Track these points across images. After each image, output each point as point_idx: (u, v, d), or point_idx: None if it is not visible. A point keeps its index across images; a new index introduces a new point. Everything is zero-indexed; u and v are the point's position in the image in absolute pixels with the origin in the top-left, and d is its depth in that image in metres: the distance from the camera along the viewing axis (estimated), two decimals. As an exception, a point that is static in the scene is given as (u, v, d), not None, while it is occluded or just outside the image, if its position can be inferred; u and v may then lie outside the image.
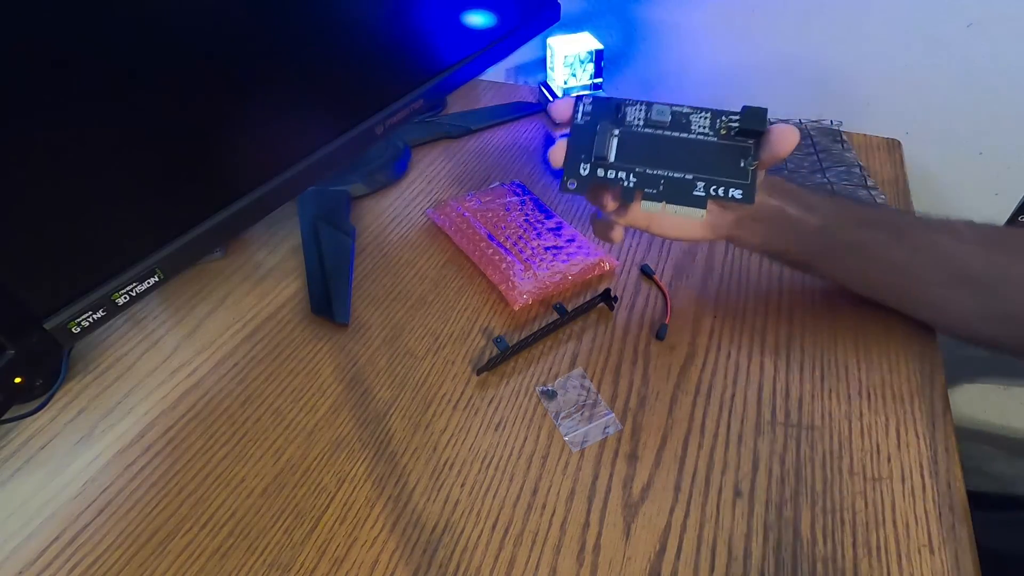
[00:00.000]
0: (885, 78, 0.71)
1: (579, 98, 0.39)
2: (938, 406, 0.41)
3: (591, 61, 0.71)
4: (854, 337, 0.45)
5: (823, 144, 0.67)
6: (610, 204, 0.41)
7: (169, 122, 0.38)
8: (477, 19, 0.62)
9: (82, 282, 0.35)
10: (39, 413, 0.43)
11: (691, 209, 0.35)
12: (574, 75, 0.72)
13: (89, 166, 0.34)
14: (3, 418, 0.39)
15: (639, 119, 0.38)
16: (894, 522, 0.35)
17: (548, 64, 0.74)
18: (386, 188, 0.64)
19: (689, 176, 0.36)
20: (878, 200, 0.58)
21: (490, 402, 0.42)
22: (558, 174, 0.40)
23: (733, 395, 0.42)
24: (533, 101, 0.78)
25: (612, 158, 0.37)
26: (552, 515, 0.36)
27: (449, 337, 0.47)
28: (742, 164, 0.36)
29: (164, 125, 0.37)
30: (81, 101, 0.33)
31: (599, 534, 0.35)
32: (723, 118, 0.37)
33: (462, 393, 0.43)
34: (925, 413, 0.41)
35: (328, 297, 0.50)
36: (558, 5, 0.73)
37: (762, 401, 0.42)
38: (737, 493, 0.37)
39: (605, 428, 0.40)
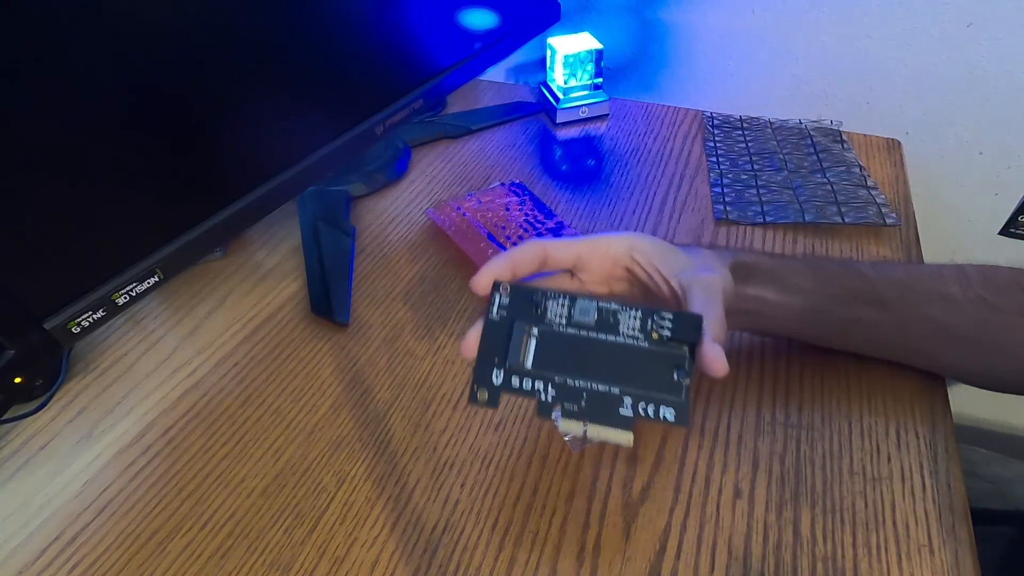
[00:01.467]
0: (885, 78, 0.71)
1: (496, 287, 0.33)
2: (938, 406, 0.41)
3: (591, 61, 0.71)
4: (854, 337, 0.45)
5: (823, 144, 0.67)
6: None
7: (169, 122, 0.38)
8: (477, 19, 0.62)
9: (82, 282, 0.35)
10: (39, 413, 0.43)
11: (616, 432, 0.30)
12: (574, 75, 0.72)
13: (89, 166, 0.34)
14: (3, 418, 0.39)
15: (561, 317, 0.32)
16: (894, 522, 0.35)
17: (548, 64, 0.74)
18: (386, 188, 0.64)
19: (615, 389, 0.30)
20: (878, 200, 0.58)
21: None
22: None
23: (733, 395, 0.42)
24: (533, 101, 0.78)
25: (529, 364, 0.31)
26: (552, 515, 0.36)
27: (449, 337, 0.47)
28: (675, 377, 0.30)
29: (164, 125, 0.38)
30: (81, 101, 0.33)
31: (599, 534, 0.35)
32: (654, 320, 0.32)
33: (462, 393, 0.43)
34: (925, 413, 0.41)
35: (328, 297, 0.50)
36: (558, 5, 0.73)
37: (762, 401, 0.42)
38: (737, 493, 0.37)
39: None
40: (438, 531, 0.36)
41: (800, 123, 0.71)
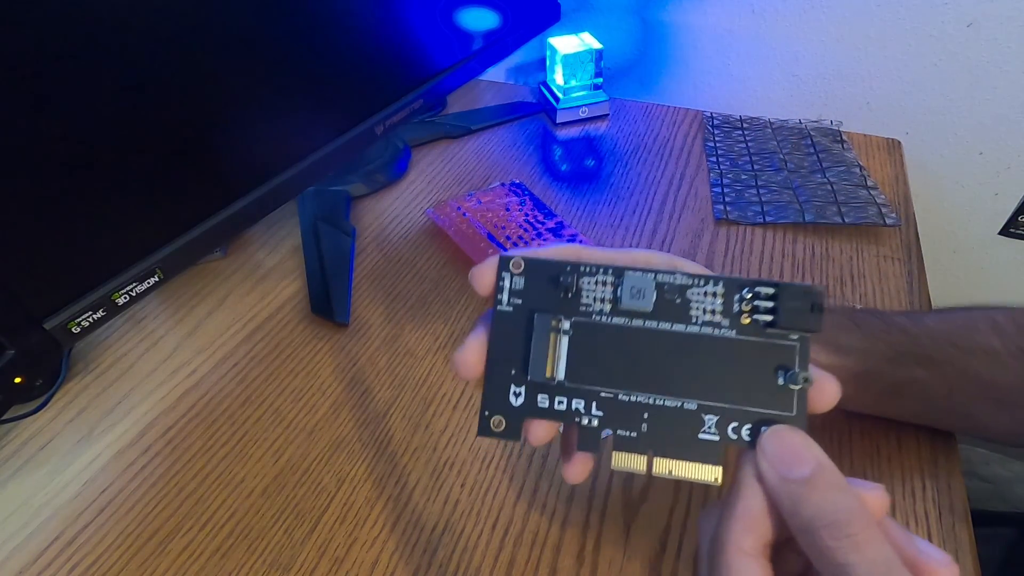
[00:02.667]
0: (885, 78, 0.71)
1: (504, 264, 0.24)
2: (938, 406, 0.41)
3: (591, 61, 0.71)
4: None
5: (823, 144, 0.67)
6: (567, 449, 0.26)
7: (169, 122, 0.38)
8: (477, 19, 0.62)
9: (82, 282, 0.35)
10: (39, 413, 0.43)
11: (697, 467, 0.22)
12: (574, 75, 0.72)
13: (89, 166, 0.34)
14: (3, 418, 0.39)
15: (603, 301, 0.23)
16: (894, 522, 0.35)
17: (548, 64, 0.74)
18: (386, 188, 0.64)
19: (691, 404, 0.22)
20: (878, 200, 0.58)
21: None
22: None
23: (733, 395, 0.42)
24: (533, 101, 0.78)
25: (560, 374, 0.23)
26: (552, 515, 0.36)
27: (449, 337, 0.47)
28: (780, 380, 0.22)
29: (164, 125, 0.37)
30: (81, 101, 0.33)
31: (599, 534, 0.35)
32: (745, 297, 0.23)
33: (462, 393, 0.43)
34: (925, 413, 0.41)
35: (328, 297, 0.50)
36: (558, 5, 0.73)
37: (762, 401, 0.42)
38: (737, 493, 0.37)
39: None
40: (438, 531, 0.36)
41: (800, 123, 0.71)
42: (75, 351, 0.47)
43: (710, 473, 0.22)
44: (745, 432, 0.22)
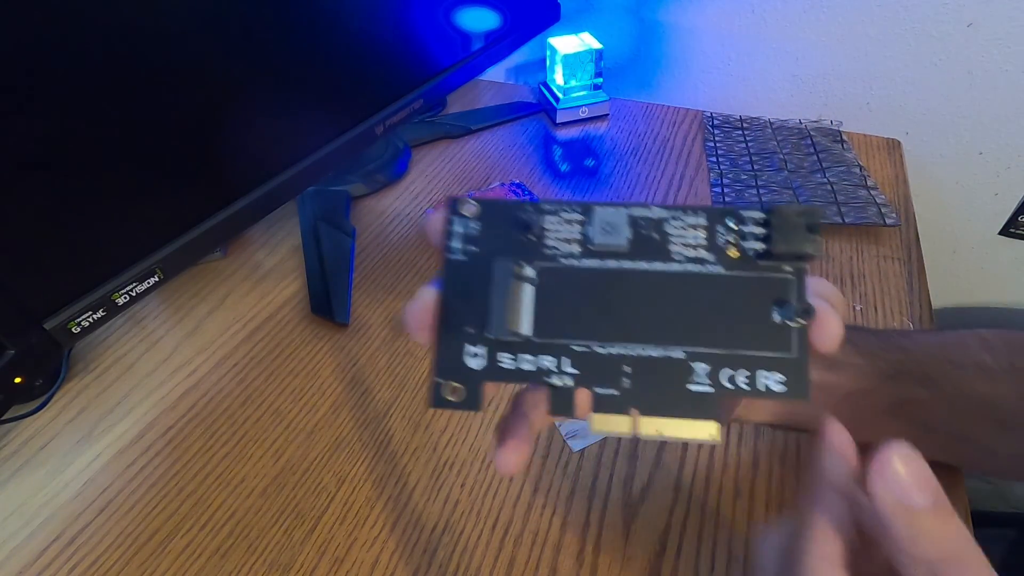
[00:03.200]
0: (885, 78, 0.71)
1: (452, 206, 0.21)
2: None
3: (591, 61, 0.71)
4: (854, 337, 0.45)
5: (823, 144, 0.67)
6: (537, 416, 0.23)
7: (169, 122, 0.38)
8: (477, 19, 0.62)
9: (82, 282, 0.35)
10: (39, 413, 0.43)
11: (691, 424, 0.19)
12: (574, 75, 0.72)
13: (89, 166, 0.34)
14: (3, 418, 0.39)
15: (571, 243, 0.21)
16: (894, 522, 0.35)
17: (548, 64, 0.74)
18: (386, 188, 0.64)
19: (678, 352, 0.20)
20: (878, 200, 0.58)
21: (490, 402, 0.42)
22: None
23: (733, 395, 0.42)
24: (533, 101, 0.78)
25: (526, 328, 0.20)
26: (552, 515, 0.36)
27: (449, 337, 0.47)
28: (776, 317, 0.20)
29: (164, 125, 0.37)
30: (81, 101, 0.33)
31: (599, 534, 0.35)
32: (731, 225, 0.20)
33: (462, 393, 0.43)
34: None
35: (328, 297, 0.50)
36: (558, 5, 0.73)
37: (762, 401, 0.42)
38: (737, 493, 0.37)
39: (605, 428, 0.40)
40: (438, 531, 0.36)
41: (800, 123, 0.71)
42: (75, 351, 0.47)
43: (704, 430, 0.19)
44: (742, 380, 0.19)
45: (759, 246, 0.20)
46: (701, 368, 0.20)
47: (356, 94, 0.51)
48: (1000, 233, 0.75)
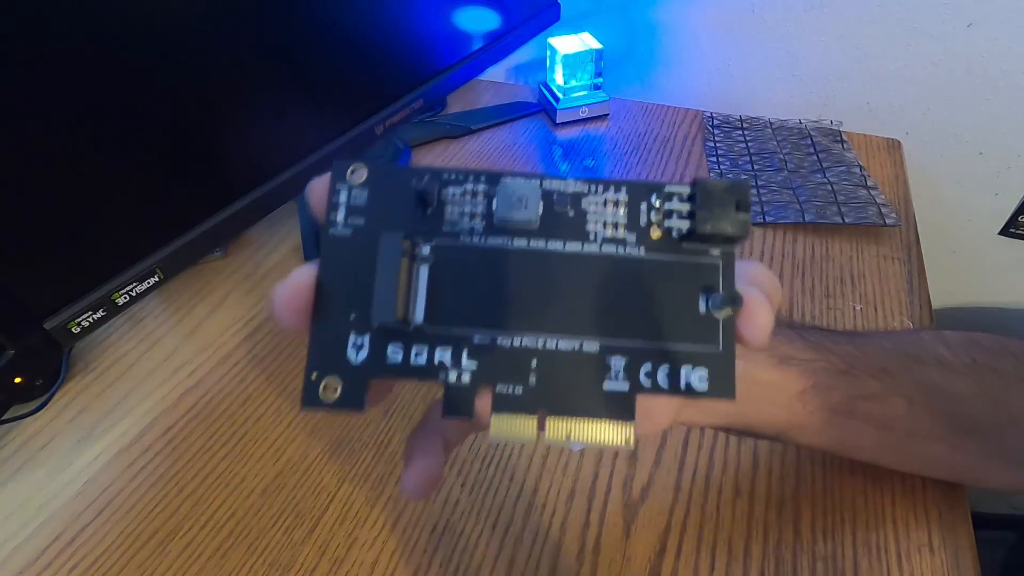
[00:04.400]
0: (885, 78, 0.71)
1: (338, 168, 0.18)
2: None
3: (591, 61, 0.71)
4: (854, 337, 0.45)
5: (823, 144, 0.67)
6: (451, 429, 0.22)
7: (169, 122, 0.38)
8: (477, 19, 0.62)
9: (82, 282, 0.35)
10: (39, 413, 0.43)
11: (602, 425, 0.18)
12: (574, 75, 0.72)
13: (89, 166, 0.34)
14: (3, 418, 0.39)
15: (474, 218, 0.18)
16: (894, 522, 0.35)
17: (548, 64, 0.74)
18: (386, 188, 0.64)
19: (591, 345, 0.18)
20: (878, 200, 0.58)
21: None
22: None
23: (733, 395, 0.42)
24: (533, 101, 0.78)
25: (418, 315, 0.18)
26: (552, 515, 0.36)
27: (449, 337, 0.47)
28: (702, 307, 0.18)
29: (164, 125, 0.37)
30: (82, 100, 0.33)
31: (599, 534, 0.35)
32: (654, 204, 0.18)
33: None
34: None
35: (328, 297, 0.50)
36: (558, 5, 0.73)
37: (762, 401, 0.42)
38: (737, 493, 0.37)
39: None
40: (438, 531, 0.36)
41: (800, 123, 0.71)
42: (75, 351, 0.47)
43: (620, 433, 0.17)
44: (662, 376, 0.17)
45: (684, 226, 0.18)
46: (617, 363, 0.18)
47: (356, 94, 0.51)
48: (1000, 233, 0.75)
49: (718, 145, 0.68)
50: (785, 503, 0.36)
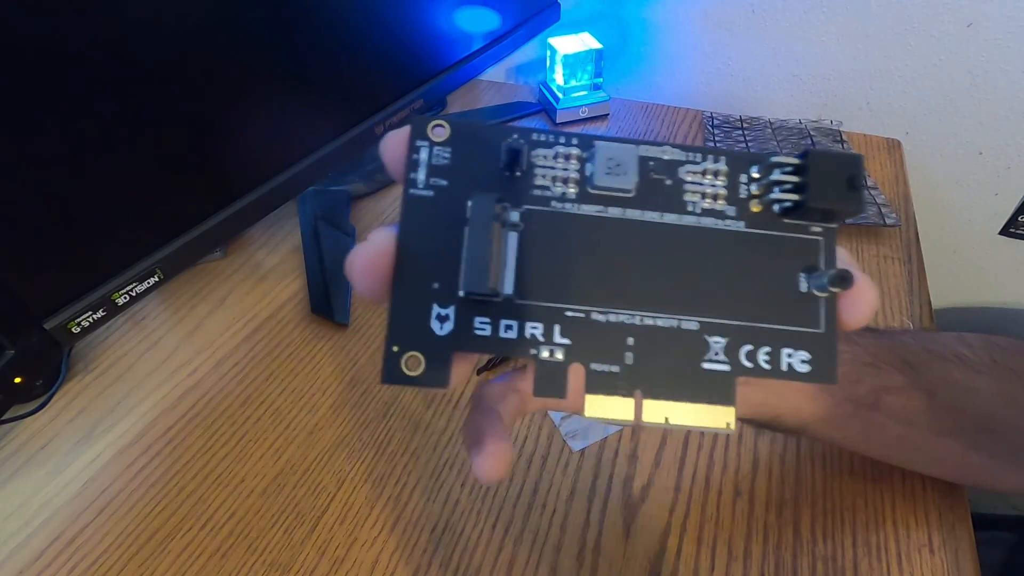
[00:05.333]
0: (885, 78, 0.71)
1: (418, 124, 0.17)
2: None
3: (591, 61, 0.71)
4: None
5: (823, 144, 0.67)
6: (508, 409, 0.20)
7: (169, 121, 0.38)
8: (477, 19, 0.62)
9: (82, 282, 0.35)
10: (39, 413, 0.43)
11: (701, 411, 0.17)
12: (574, 75, 0.72)
13: (89, 165, 0.34)
14: (3, 418, 0.39)
15: (566, 183, 0.17)
16: (894, 522, 0.35)
17: (548, 64, 0.74)
18: (386, 188, 0.64)
19: (691, 323, 0.17)
20: (878, 200, 0.58)
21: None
22: None
23: (733, 395, 0.42)
24: (533, 101, 0.78)
25: (507, 288, 0.17)
26: (552, 515, 0.36)
27: (449, 337, 0.47)
28: (803, 286, 0.17)
29: (164, 125, 0.37)
30: (81, 100, 0.33)
31: (599, 534, 0.35)
32: (755, 176, 0.18)
33: (462, 393, 0.43)
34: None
35: (328, 297, 0.50)
36: (558, 5, 0.73)
37: (762, 401, 0.42)
38: (737, 493, 0.37)
39: (605, 428, 0.40)
40: (438, 531, 0.36)
41: (800, 123, 0.71)
42: (75, 351, 0.47)
43: (720, 417, 0.16)
44: (763, 357, 0.16)
45: (787, 200, 0.17)
46: (717, 343, 0.17)
47: (356, 94, 0.51)
48: (1000, 233, 0.75)
49: (718, 145, 0.68)
50: (785, 504, 0.36)
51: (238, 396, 0.44)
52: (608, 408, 0.16)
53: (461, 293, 0.16)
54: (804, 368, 0.17)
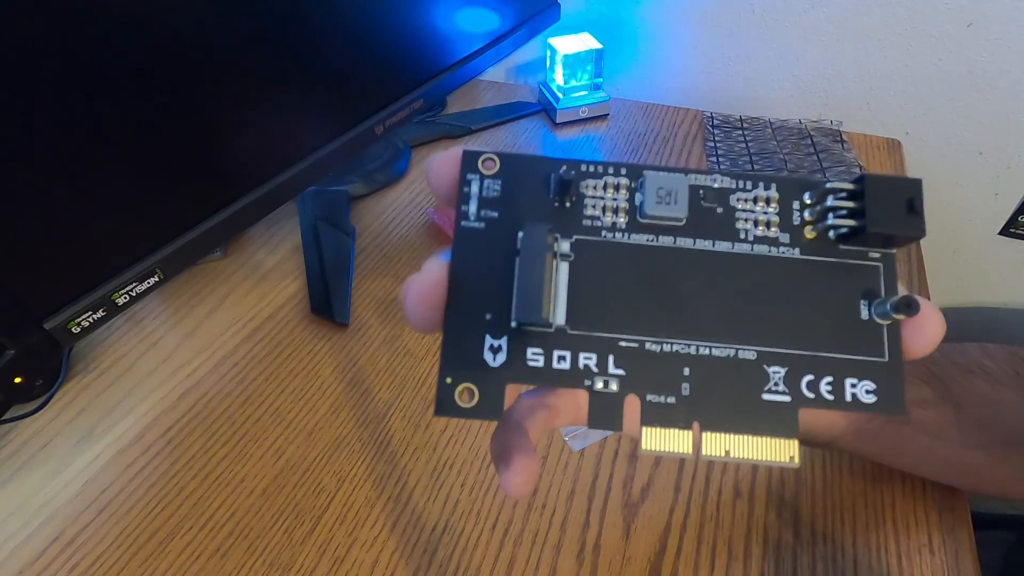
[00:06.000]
0: (885, 78, 0.71)
1: (469, 157, 0.17)
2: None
3: (591, 61, 0.71)
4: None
5: (823, 144, 0.67)
6: (506, 450, 0.19)
7: (169, 122, 0.38)
8: (477, 19, 0.62)
9: (82, 282, 0.35)
10: (39, 413, 0.43)
11: (763, 443, 0.16)
12: (574, 75, 0.72)
13: (89, 166, 0.34)
14: (3, 418, 0.39)
15: (616, 212, 0.17)
16: (894, 522, 0.35)
17: (548, 64, 0.74)
18: (386, 188, 0.64)
19: (748, 353, 0.17)
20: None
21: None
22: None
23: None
24: (533, 101, 0.78)
25: (560, 319, 0.17)
26: (552, 515, 0.36)
27: (449, 337, 0.47)
28: (865, 312, 0.17)
29: (164, 125, 0.37)
30: (81, 100, 0.33)
31: (599, 534, 0.35)
32: (807, 202, 0.17)
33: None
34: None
35: (328, 297, 0.50)
36: (558, 5, 0.73)
37: (762, 401, 0.42)
38: (737, 493, 0.37)
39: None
40: (438, 531, 0.36)
41: (800, 123, 0.71)
42: (75, 351, 0.47)
43: (784, 451, 0.16)
44: (825, 388, 0.16)
45: (843, 226, 0.17)
46: (777, 372, 0.16)
47: (356, 94, 0.51)
48: (1000, 233, 0.75)
49: (718, 145, 0.68)
50: (785, 504, 0.36)
51: (238, 396, 0.44)
52: (666, 441, 0.16)
53: (513, 324, 0.16)
54: (870, 399, 0.16)
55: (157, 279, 0.38)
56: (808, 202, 0.17)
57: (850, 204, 0.16)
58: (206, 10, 0.38)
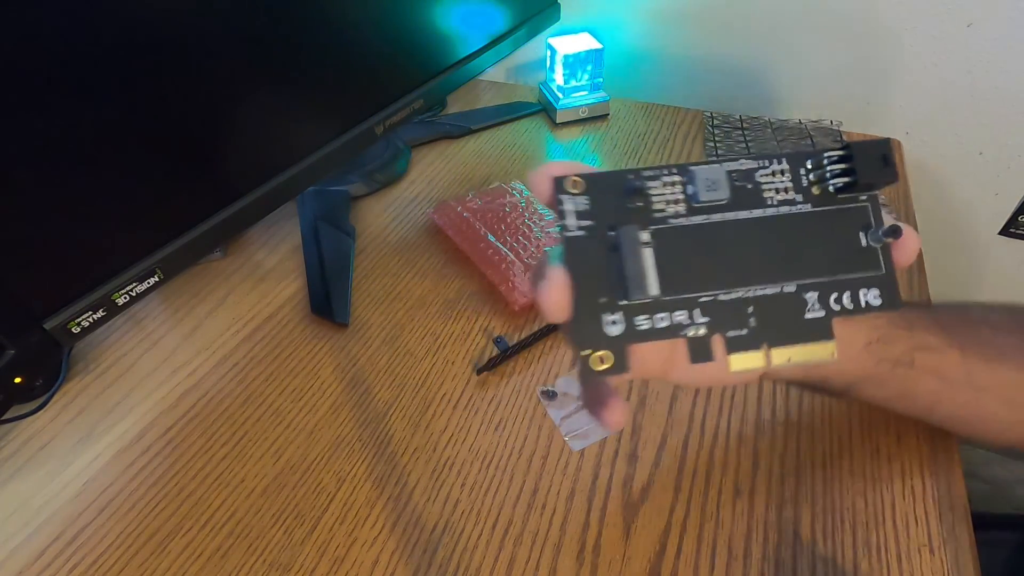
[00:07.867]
0: (885, 78, 0.71)
1: (558, 183, 0.22)
2: (938, 406, 0.41)
3: (591, 61, 0.71)
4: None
5: (823, 144, 0.67)
6: (597, 398, 0.25)
7: (170, 122, 0.38)
8: (477, 19, 0.62)
9: (82, 282, 0.35)
10: (39, 413, 0.43)
11: (812, 348, 0.22)
12: (574, 75, 0.72)
13: (89, 166, 0.34)
14: (3, 418, 0.39)
15: (676, 203, 0.22)
16: (894, 522, 0.35)
17: (548, 64, 0.74)
18: (386, 188, 0.64)
19: (789, 287, 0.22)
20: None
21: (490, 402, 0.43)
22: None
23: (733, 394, 0.42)
24: (533, 101, 0.78)
25: (654, 289, 0.22)
26: (552, 515, 0.36)
27: (449, 337, 0.47)
28: (864, 241, 0.23)
29: (165, 125, 0.38)
30: (82, 100, 0.33)
31: (599, 534, 0.35)
32: (808, 167, 0.23)
33: (462, 393, 0.43)
34: (925, 413, 0.40)
35: (328, 297, 0.50)
36: (558, 5, 0.73)
37: (762, 401, 0.42)
38: (737, 493, 0.37)
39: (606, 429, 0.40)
40: (438, 531, 0.36)
41: (800, 123, 0.71)
42: (75, 351, 0.47)
43: (826, 350, 0.22)
44: (847, 301, 0.22)
45: (839, 181, 0.22)
46: (812, 297, 0.22)
47: (356, 94, 0.51)
48: (1000, 233, 0.75)
49: (718, 145, 0.68)
50: (785, 503, 0.36)
51: (238, 396, 0.44)
52: (747, 361, 0.22)
53: (624, 302, 0.22)
54: (877, 301, 0.22)
55: (157, 279, 0.38)
56: (810, 167, 0.23)
57: (842, 165, 0.22)
58: (206, 10, 0.38)
